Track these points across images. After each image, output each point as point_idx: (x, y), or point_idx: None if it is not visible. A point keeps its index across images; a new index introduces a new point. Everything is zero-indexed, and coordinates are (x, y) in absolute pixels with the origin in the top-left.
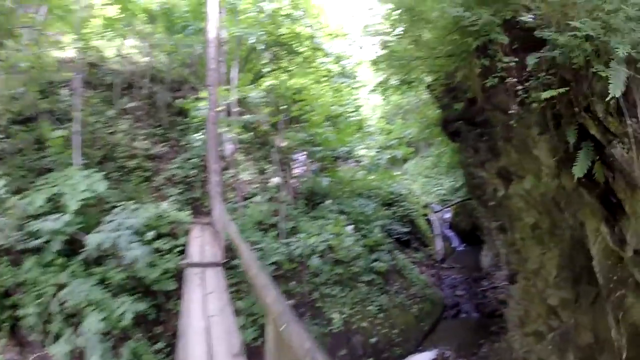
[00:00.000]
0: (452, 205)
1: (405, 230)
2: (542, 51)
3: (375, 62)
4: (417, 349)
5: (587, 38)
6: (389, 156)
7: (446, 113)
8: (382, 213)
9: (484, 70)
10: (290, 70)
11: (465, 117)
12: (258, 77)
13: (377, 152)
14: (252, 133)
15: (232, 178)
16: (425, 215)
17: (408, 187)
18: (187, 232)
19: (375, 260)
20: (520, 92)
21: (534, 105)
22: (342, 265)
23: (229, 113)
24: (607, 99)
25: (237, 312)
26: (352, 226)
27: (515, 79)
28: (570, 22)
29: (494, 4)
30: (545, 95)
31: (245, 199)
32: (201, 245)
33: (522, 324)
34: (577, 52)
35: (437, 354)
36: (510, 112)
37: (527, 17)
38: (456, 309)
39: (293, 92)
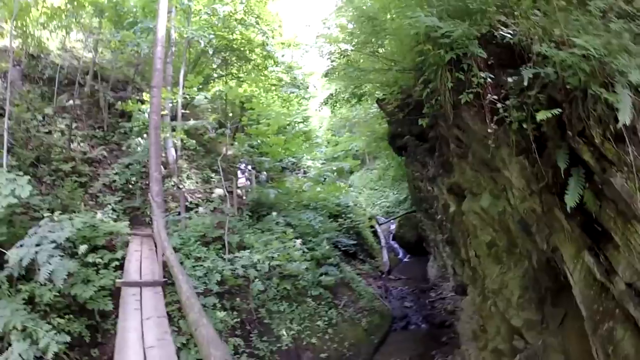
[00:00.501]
0: (397, 217)
1: (352, 242)
2: (524, 69)
3: (327, 74)
4: None
5: (584, 57)
6: (336, 168)
7: (394, 127)
8: (329, 226)
9: (457, 84)
10: (240, 77)
11: (415, 133)
12: (207, 82)
13: (323, 163)
14: (196, 140)
15: (174, 187)
16: (371, 227)
17: (354, 199)
18: (125, 245)
19: (323, 274)
20: (500, 111)
21: (514, 125)
22: (289, 279)
23: (174, 117)
24: (618, 125)
25: (179, 332)
26: (300, 240)
27: (494, 96)
28: (555, 40)
29: (467, 17)
30: (541, 116)
31: (188, 209)
32: (139, 260)
33: (477, 338)
34: (572, 72)
35: None
36: (480, 130)
37: (505, 33)
38: (405, 320)
39: (242, 99)
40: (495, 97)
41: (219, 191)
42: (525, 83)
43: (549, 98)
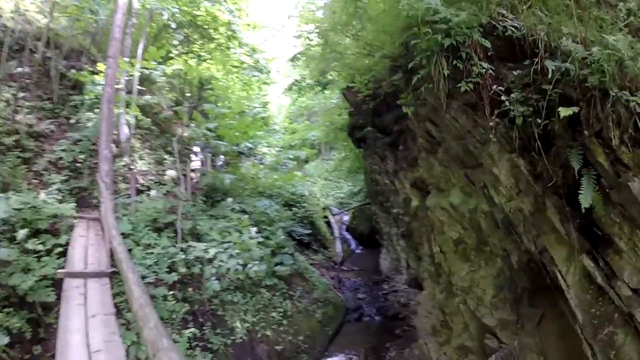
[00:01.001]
0: (351, 209)
1: (307, 232)
2: (548, 61)
3: (294, 59)
4: (324, 354)
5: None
6: (293, 156)
7: (355, 119)
8: (284, 214)
9: (453, 73)
10: (201, 56)
11: (378, 125)
12: (166, 58)
13: (279, 151)
14: (150, 119)
15: (125, 167)
16: (325, 217)
17: (309, 188)
18: (70, 229)
19: (278, 264)
20: (503, 104)
21: (518, 120)
22: (243, 270)
23: (129, 93)
24: None
25: (128, 326)
26: (256, 228)
27: (500, 88)
28: (570, 37)
29: (468, 5)
30: (564, 112)
31: (139, 192)
32: (85, 247)
33: (437, 333)
34: (590, 70)
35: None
36: (466, 124)
37: (510, 25)
38: (359, 312)
39: (201, 80)
40: (501, 88)
41: (171, 173)
42: (550, 75)
43: (561, 95)
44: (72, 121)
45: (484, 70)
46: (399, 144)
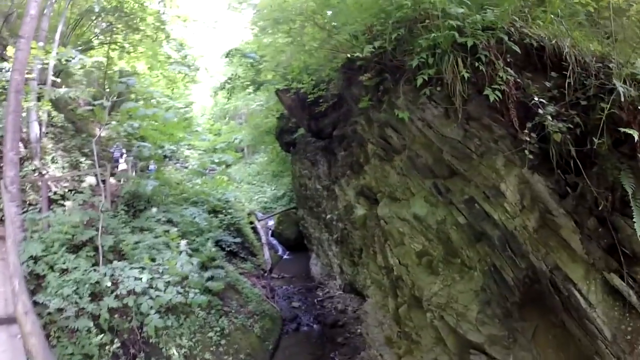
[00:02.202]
0: (277, 214)
1: (236, 241)
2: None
3: (229, 54)
4: None
5: None
6: (218, 160)
7: (284, 122)
8: (213, 224)
9: (475, 76)
10: (124, 48)
11: (314, 129)
12: (86, 48)
13: (201, 154)
14: (64, 115)
15: (35, 172)
16: (251, 223)
17: (234, 193)
18: None
19: (210, 278)
20: (539, 116)
21: (556, 136)
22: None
23: (42, 84)
24: None
25: None
26: (185, 241)
27: (541, 100)
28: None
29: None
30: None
31: (52, 201)
32: None
33: (393, 344)
34: None
35: None
36: (450, 133)
37: (532, 33)
38: (296, 322)
39: (123, 73)
40: (543, 100)
41: (90, 180)
42: (621, 98)
43: (609, 116)
44: None
45: (510, 77)
46: (334, 149)
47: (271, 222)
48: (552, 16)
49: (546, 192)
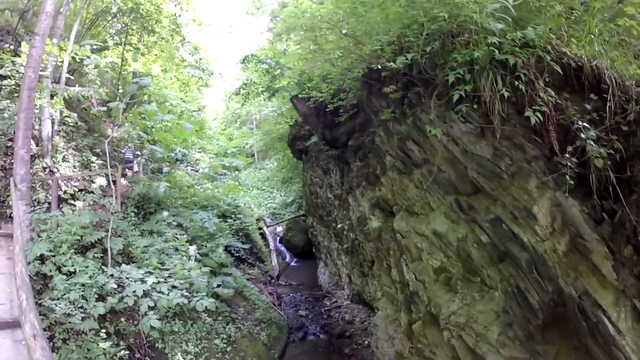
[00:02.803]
0: (286, 220)
1: (245, 247)
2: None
3: (245, 60)
4: None
5: None
6: (229, 164)
7: (296, 129)
8: (224, 229)
9: (516, 95)
10: (139, 49)
11: (327, 137)
12: (101, 48)
13: (212, 158)
14: (77, 115)
15: (46, 170)
16: (260, 229)
17: (243, 199)
18: None
19: (219, 285)
20: (580, 140)
21: (597, 161)
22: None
23: (56, 82)
24: None
25: None
26: (194, 246)
27: (584, 123)
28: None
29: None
30: None
31: (61, 200)
32: None
33: (403, 358)
34: None
35: None
36: (479, 150)
37: (571, 54)
38: (302, 330)
39: (137, 75)
40: (586, 124)
41: (100, 181)
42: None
43: None
44: None
45: (551, 98)
46: (347, 159)
47: (279, 229)
48: (591, 36)
49: (580, 216)
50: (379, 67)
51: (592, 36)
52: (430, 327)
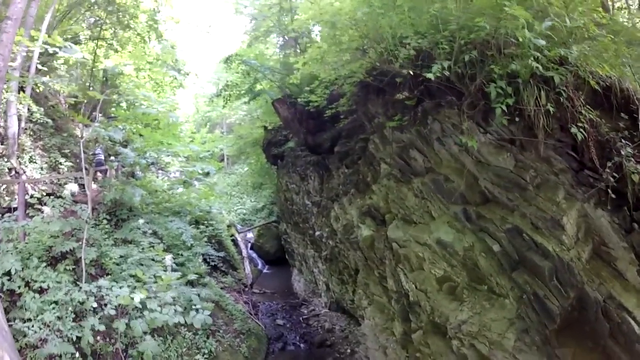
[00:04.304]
0: (257, 226)
1: (220, 255)
2: None
3: (227, 60)
4: None
5: None
6: (202, 170)
7: (272, 134)
8: (200, 237)
9: (559, 111)
10: (111, 44)
11: (309, 143)
12: (73, 42)
13: (182, 162)
14: (44, 109)
15: (11, 172)
16: (232, 235)
17: (214, 204)
18: None
19: (198, 295)
20: (619, 156)
21: (634, 177)
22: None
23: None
24: None
25: None
26: (170, 256)
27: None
28: None
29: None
30: None
31: (28, 206)
32: None
33: None
34: None
35: None
36: (497, 161)
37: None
38: (281, 340)
39: (107, 73)
40: (628, 142)
41: (72, 187)
42: None
43: None
44: None
45: (591, 114)
46: (328, 165)
47: (250, 235)
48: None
49: (609, 226)
50: (388, 71)
51: (621, 59)
52: (433, 336)
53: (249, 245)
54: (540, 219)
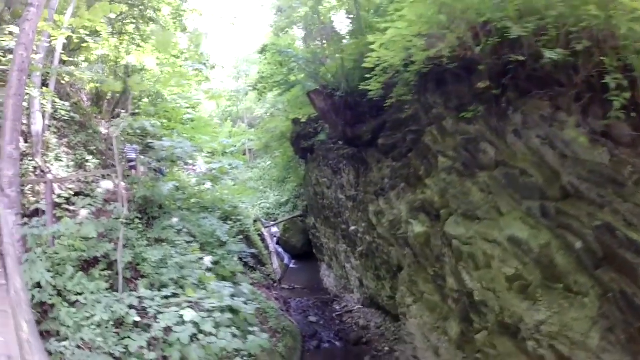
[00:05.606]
0: (283, 221)
1: (252, 251)
2: None
3: (263, 50)
4: None
5: None
6: (230, 166)
7: (301, 127)
8: (234, 235)
9: None
10: (134, 39)
11: (348, 135)
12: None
13: (207, 157)
14: (68, 104)
15: (36, 172)
16: (258, 230)
17: (241, 199)
18: None
19: (233, 296)
20: None
21: None
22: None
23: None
24: None
25: None
26: (210, 257)
27: None
28: None
29: None
30: None
31: (55, 206)
32: None
33: None
34: None
35: None
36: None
37: None
38: (316, 338)
39: (128, 68)
40: None
41: (106, 184)
42: None
43: None
44: None
45: None
46: (366, 159)
47: (275, 229)
48: None
49: None
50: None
51: None
52: (501, 337)
53: (275, 239)
54: (637, 216)
